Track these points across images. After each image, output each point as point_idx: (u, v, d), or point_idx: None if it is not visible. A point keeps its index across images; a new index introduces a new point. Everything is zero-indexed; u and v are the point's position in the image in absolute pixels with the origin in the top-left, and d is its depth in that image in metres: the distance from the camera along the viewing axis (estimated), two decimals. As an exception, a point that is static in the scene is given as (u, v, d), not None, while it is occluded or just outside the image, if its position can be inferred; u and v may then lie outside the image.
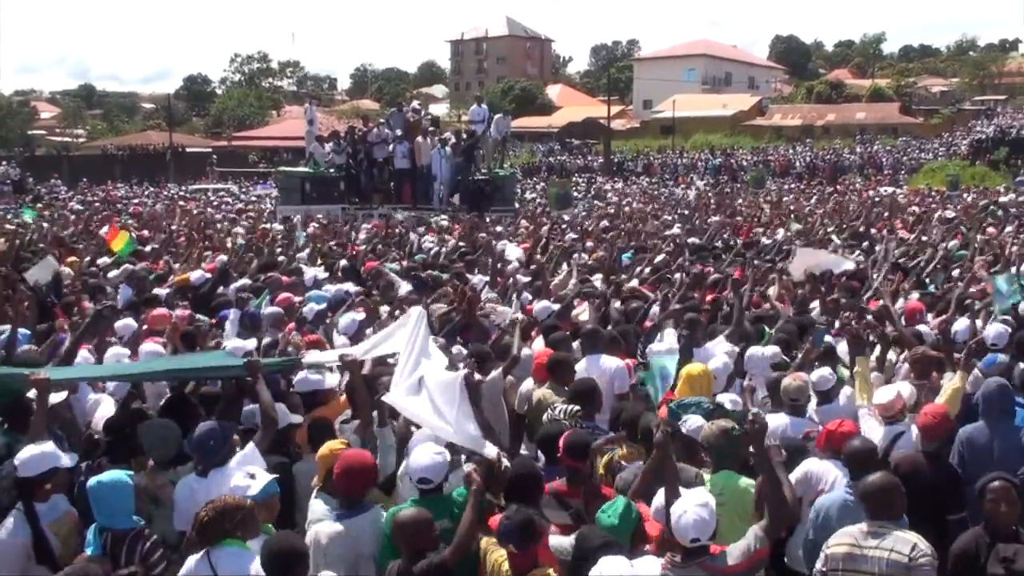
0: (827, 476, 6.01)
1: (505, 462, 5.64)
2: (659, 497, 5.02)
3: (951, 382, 6.99)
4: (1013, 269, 11.59)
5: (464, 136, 28.14)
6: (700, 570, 4.20)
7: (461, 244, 16.41)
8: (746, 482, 5.66)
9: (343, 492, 5.45)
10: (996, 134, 53.17)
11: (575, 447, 5.62)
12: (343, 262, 13.51)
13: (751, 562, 4.61)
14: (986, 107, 75.94)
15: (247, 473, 5.16)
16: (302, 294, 10.79)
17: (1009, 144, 48.79)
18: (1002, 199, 27.52)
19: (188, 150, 65.46)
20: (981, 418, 6.71)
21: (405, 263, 13.86)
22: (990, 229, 18.27)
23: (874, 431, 6.56)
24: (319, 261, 14.48)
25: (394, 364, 6.62)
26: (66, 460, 5.43)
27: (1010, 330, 8.36)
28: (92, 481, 5.12)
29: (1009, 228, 18.85)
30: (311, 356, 7.51)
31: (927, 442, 6.18)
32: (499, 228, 21.42)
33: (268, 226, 21.04)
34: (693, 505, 4.53)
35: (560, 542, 4.98)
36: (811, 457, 6.18)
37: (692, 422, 5.92)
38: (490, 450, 5.74)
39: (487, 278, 12.13)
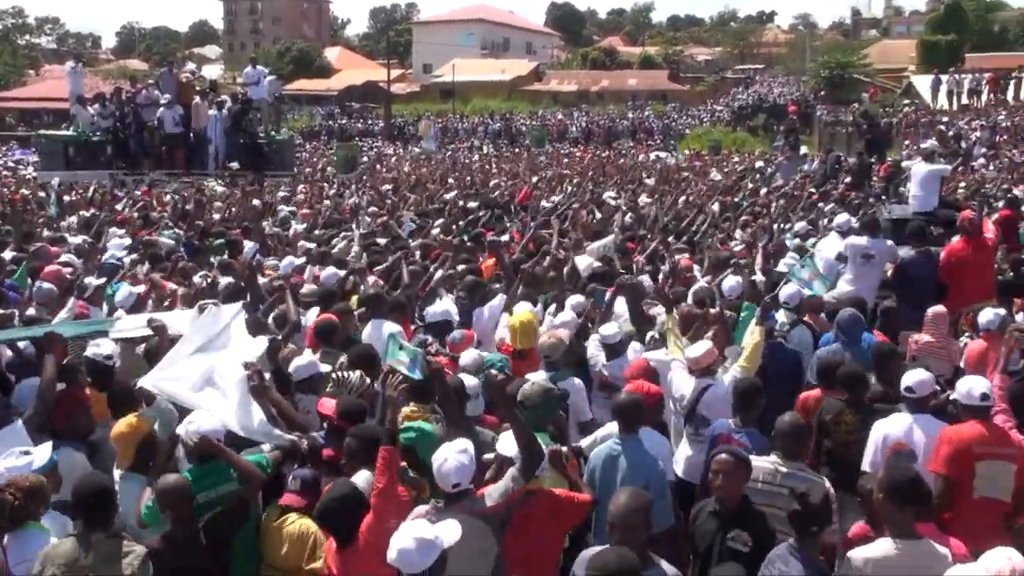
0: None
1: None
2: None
3: (752, 337, 7.18)
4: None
5: (240, 99, 27.28)
6: (461, 513, 4.34)
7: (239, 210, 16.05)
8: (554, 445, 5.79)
9: None
10: (755, 101, 56.66)
11: (349, 413, 5.68)
12: (113, 230, 12.90)
13: (508, 501, 4.77)
14: (746, 76, 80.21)
15: (19, 451, 4.88)
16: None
17: (767, 111, 52.01)
18: (758, 163, 29.17)
19: (-67, 111, 60.36)
20: (835, 342, 7.93)
21: (180, 231, 13.41)
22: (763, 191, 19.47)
23: (685, 383, 6.90)
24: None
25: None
26: None
27: (802, 291, 8.91)
28: None
29: (764, 190, 19.98)
30: (120, 323, 7.21)
31: None
32: (282, 193, 21.01)
33: (26, 192, 19.83)
34: (453, 452, 4.66)
35: None
36: None
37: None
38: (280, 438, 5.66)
39: (258, 244, 11.91)
